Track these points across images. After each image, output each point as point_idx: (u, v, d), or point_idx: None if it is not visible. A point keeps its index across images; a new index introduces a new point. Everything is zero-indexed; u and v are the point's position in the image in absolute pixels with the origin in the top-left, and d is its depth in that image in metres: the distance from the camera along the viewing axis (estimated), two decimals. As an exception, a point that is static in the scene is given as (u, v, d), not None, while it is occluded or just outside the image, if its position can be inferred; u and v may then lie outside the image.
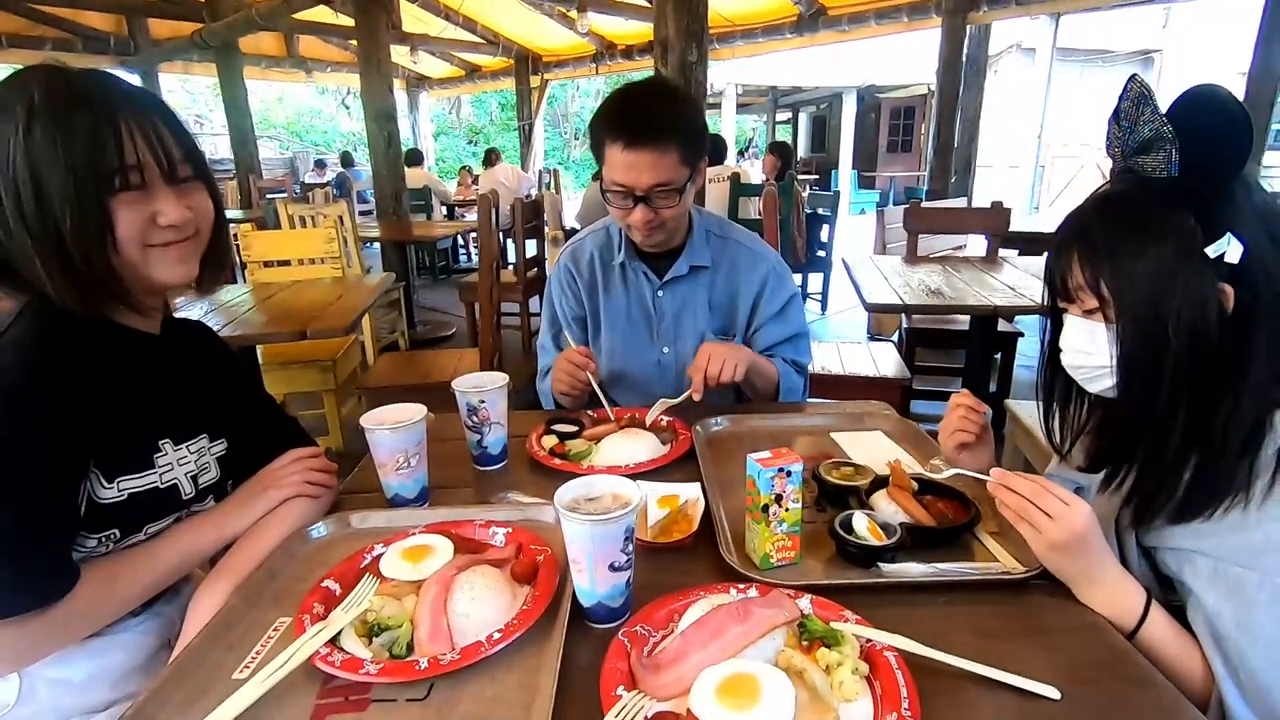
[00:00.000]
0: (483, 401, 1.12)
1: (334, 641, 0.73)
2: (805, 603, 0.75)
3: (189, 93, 20.60)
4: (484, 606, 0.76)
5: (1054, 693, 0.65)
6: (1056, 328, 0.90)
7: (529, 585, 0.82)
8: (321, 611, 0.77)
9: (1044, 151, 11.57)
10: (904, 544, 0.86)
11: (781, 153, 5.78)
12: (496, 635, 0.72)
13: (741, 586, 0.79)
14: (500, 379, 1.15)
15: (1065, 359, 0.88)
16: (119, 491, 0.85)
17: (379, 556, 0.87)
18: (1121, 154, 0.82)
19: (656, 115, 1.27)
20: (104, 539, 0.84)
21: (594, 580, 0.74)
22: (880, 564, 0.85)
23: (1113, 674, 0.69)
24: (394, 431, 0.98)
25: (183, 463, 0.93)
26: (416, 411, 1.03)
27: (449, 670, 0.68)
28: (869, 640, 0.70)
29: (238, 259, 3.13)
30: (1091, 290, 0.81)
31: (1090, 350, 0.83)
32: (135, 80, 1.07)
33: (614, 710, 0.62)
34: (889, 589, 0.82)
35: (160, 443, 0.91)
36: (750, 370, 1.34)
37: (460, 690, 0.68)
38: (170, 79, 11.21)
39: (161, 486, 0.90)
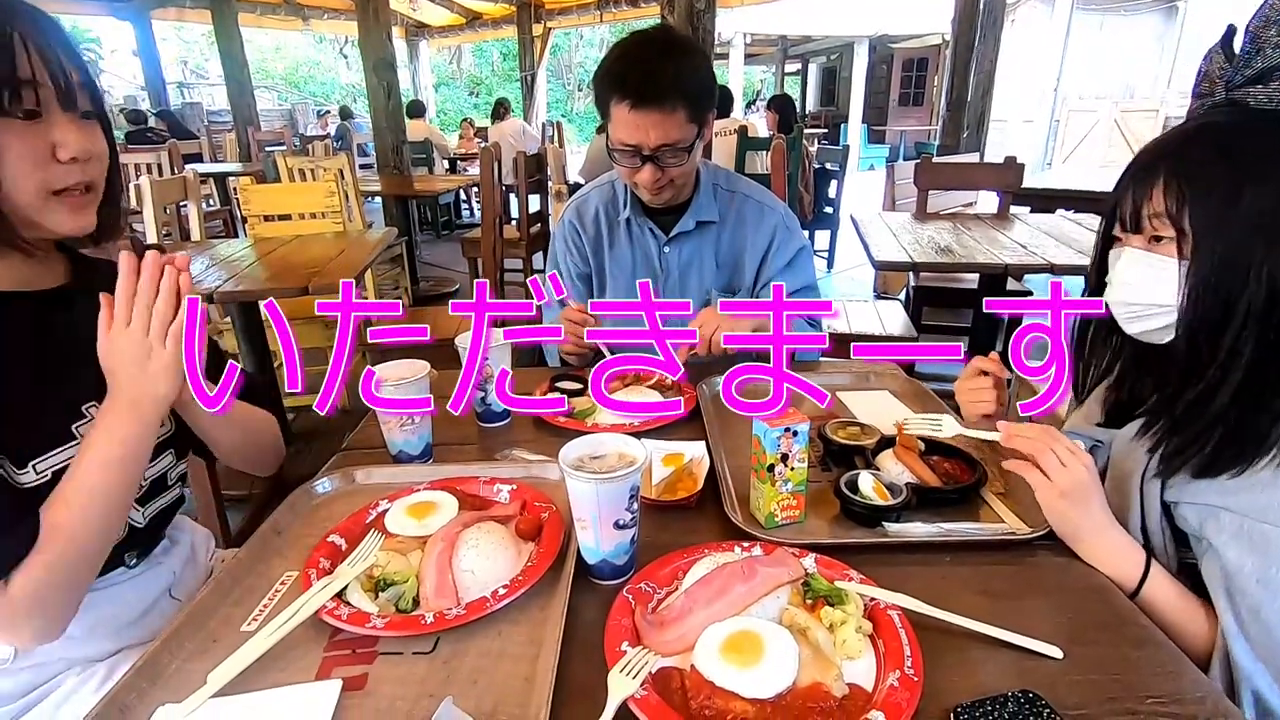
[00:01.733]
0: (486, 359, 1.10)
1: (340, 596, 0.74)
2: (810, 561, 0.75)
3: (184, 41, 20.14)
4: (489, 563, 0.76)
5: (1056, 652, 0.65)
6: (1102, 262, 0.85)
7: (534, 542, 0.82)
8: (328, 566, 0.78)
9: (1060, 106, 11.28)
10: (909, 504, 0.86)
11: (780, 107, 5.62)
12: (502, 591, 0.72)
13: (746, 545, 0.79)
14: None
15: (1112, 293, 0.83)
16: (38, 474, 0.76)
17: (384, 512, 0.87)
18: (1225, 85, 0.76)
19: (662, 74, 1.22)
20: None
21: (599, 538, 0.74)
22: (885, 523, 0.85)
23: (1115, 634, 0.69)
24: (398, 388, 0.97)
25: None
26: (420, 368, 1.02)
27: (455, 625, 0.69)
28: (873, 599, 0.70)
29: (238, 213, 3.09)
30: (1171, 221, 0.76)
31: (1147, 285, 0.79)
32: (128, 28, 1.00)
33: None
34: (893, 548, 0.82)
35: (85, 408, 0.82)
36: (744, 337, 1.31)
37: (466, 644, 0.69)
38: (164, 26, 10.92)
39: None
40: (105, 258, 0.95)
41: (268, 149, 7.47)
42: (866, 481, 0.88)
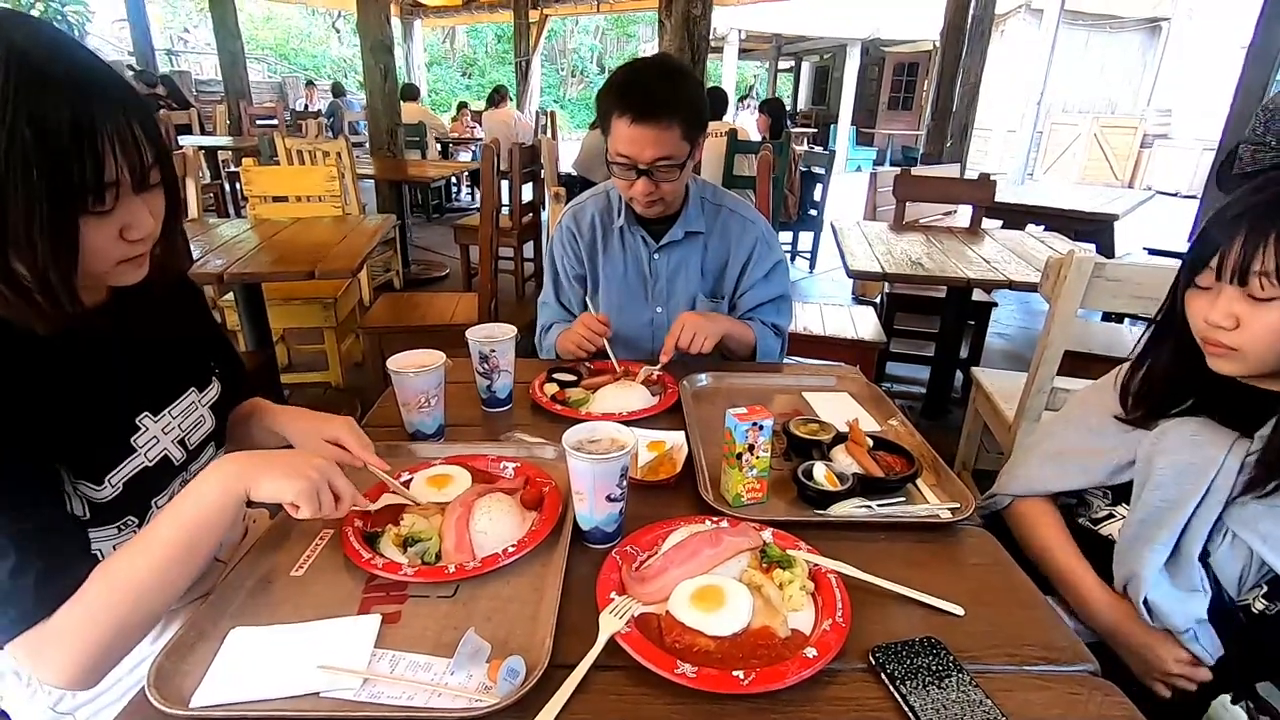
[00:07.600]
0: (493, 351, 1.24)
1: (375, 549, 0.88)
2: (767, 534, 0.91)
3: (170, 5, 19.77)
4: (499, 526, 0.91)
5: (958, 610, 0.81)
6: (1183, 287, 0.90)
7: (536, 511, 0.96)
8: (361, 525, 0.92)
9: (1043, 118, 11.51)
10: (854, 491, 1.01)
11: (774, 111, 5.76)
12: (511, 549, 0.87)
13: (715, 519, 0.94)
14: (509, 330, 1.27)
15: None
16: (113, 488, 0.81)
17: (407, 482, 1.01)
18: None
19: (662, 93, 1.36)
20: (121, 526, 0.84)
21: (593, 508, 0.89)
22: (833, 505, 1.00)
23: (1009, 598, 0.85)
24: (419, 375, 1.11)
25: (167, 431, 0.90)
26: (437, 357, 1.15)
27: (472, 575, 0.84)
28: (816, 564, 0.86)
29: (227, 187, 3.13)
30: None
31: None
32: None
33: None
34: (839, 526, 0.98)
35: (139, 420, 0.87)
36: (724, 339, 1.49)
37: (481, 591, 0.83)
38: (154, -8, 10.77)
39: (150, 464, 0.87)
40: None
41: (259, 123, 7.47)
42: (820, 470, 1.03)
